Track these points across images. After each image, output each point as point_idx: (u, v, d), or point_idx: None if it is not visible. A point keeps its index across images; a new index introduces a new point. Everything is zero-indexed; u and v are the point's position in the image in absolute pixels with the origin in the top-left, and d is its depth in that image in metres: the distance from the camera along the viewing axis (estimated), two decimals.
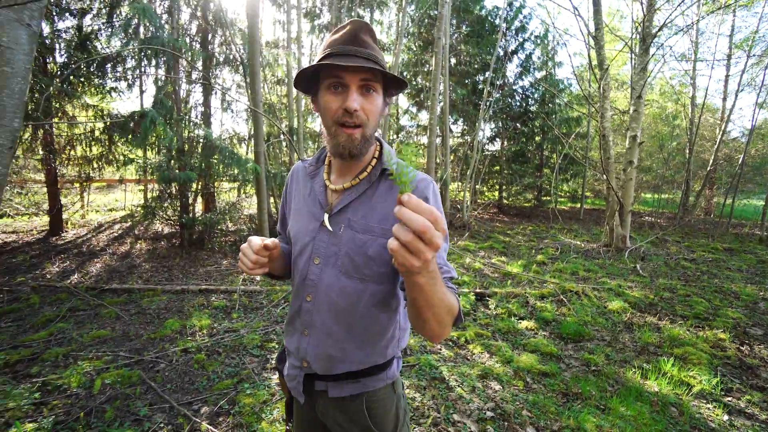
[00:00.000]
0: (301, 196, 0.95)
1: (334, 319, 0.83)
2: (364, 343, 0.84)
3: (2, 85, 2.05)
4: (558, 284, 4.46)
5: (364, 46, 0.77)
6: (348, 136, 0.76)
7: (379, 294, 0.82)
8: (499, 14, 11.39)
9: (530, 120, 12.17)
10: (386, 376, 0.89)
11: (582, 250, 6.74)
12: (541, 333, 3.34)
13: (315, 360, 0.85)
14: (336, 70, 0.74)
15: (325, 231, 0.84)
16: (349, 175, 0.87)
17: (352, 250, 0.80)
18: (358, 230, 0.81)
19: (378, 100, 0.79)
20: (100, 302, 3.89)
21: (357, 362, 0.84)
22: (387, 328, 0.85)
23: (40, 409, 2.16)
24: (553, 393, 2.40)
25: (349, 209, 0.83)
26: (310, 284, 0.85)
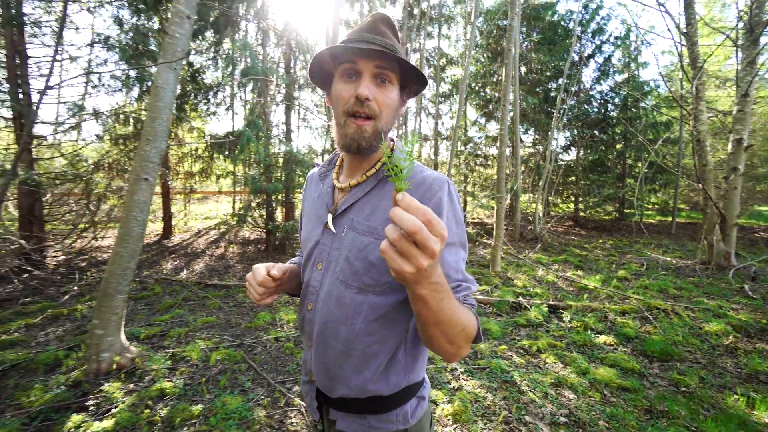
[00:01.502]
0: (311, 200, 0.89)
1: (331, 332, 0.74)
2: (361, 365, 0.73)
3: (156, 115, 2.66)
4: (642, 301, 4.14)
5: (381, 35, 0.72)
6: (357, 128, 0.70)
7: (381, 308, 0.71)
8: (573, 18, 10.92)
9: (610, 127, 11.31)
10: (396, 419, 0.75)
11: (673, 266, 6.09)
12: (621, 349, 3.16)
13: (318, 375, 0.78)
14: (350, 57, 0.70)
15: (329, 234, 0.78)
16: (358, 174, 0.80)
17: (352, 254, 0.72)
18: (360, 231, 0.73)
19: (393, 92, 0.73)
20: (206, 294, 4.57)
21: (356, 388, 0.73)
22: (389, 348, 0.73)
23: (173, 372, 2.68)
24: (635, 408, 2.30)
25: (354, 209, 0.76)
26: (312, 291, 0.79)
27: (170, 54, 2.65)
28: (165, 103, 2.69)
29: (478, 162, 12.31)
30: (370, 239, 0.71)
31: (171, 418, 2.16)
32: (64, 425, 2.08)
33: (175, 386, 2.47)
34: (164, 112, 2.69)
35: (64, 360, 2.79)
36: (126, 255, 2.68)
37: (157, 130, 2.67)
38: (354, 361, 0.73)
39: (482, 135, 12.21)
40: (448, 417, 2.15)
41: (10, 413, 2.18)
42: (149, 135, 2.64)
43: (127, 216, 2.66)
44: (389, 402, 0.75)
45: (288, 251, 7.26)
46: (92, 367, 2.62)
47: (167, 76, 2.66)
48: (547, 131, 11.18)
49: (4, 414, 2.18)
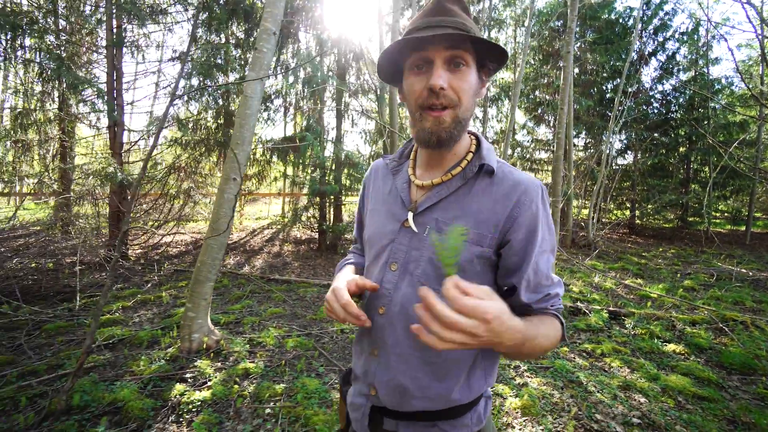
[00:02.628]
0: (380, 194, 0.83)
1: (409, 339, 0.69)
2: (443, 374, 0.69)
3: (244, 122, 2.98)
4: (715, 312, 3.90)
5: (449, 14, 0.66)
6: (435, 120, 0.65)
7: None
8: (633, 15, 10.41)
9: (672, 129, 10.60)
10: (471, 422, 0.72)
11: (749, 278, 5.62)
12: (693, 359, 3.02)
13: (385, 389, 0.71)
14: (417, 46, 0.65)
15: (406, 233, 0.73)
16: (439, 170, 0.74)
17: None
18: None
19: (470, 75, 0.67)
20: (270, 288, 4.92)
21: (435, 399, 0.69)
22: (471, 355, 0.70)
23: (253, 355, 2.96)
24: (715, 417, 2.22)
25: (438, 208, 0.71)
26: (385, 294, 0.72)
27: (258, 66, 2.96)
28: (252, 111, 3.00)
29: (526, 167, 12.03)
30: None
31: (258, 393, 2.41)
32: (170, 392, 2.39)
33: (257, 367, 2.74)
34: (251, 119, 3.00)
35: (161, 338, 3.17)
36: (215, 246, 3.01)
37: (245, 135, 2.98)
38: (436, 369, 0.69)
39: (531, 139, 11.93)
40: (516, 410, 2.22)
41: (128, 378, 2.54)
42: (238, 140, 2.97)
43: (217, 211, 2.99)
44: (466, 408, 0.72)
45: (339, 251, 7.55)
46: (185, 346, 2.96)
47: (255, 87, 2.97)
48: (601, 134, 10.70)
49: (124, 377, 2.55)
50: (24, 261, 4.60)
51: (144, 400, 2.27)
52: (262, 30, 2.99)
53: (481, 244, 0.67)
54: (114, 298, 4.34)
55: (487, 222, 0.67)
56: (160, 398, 2.34)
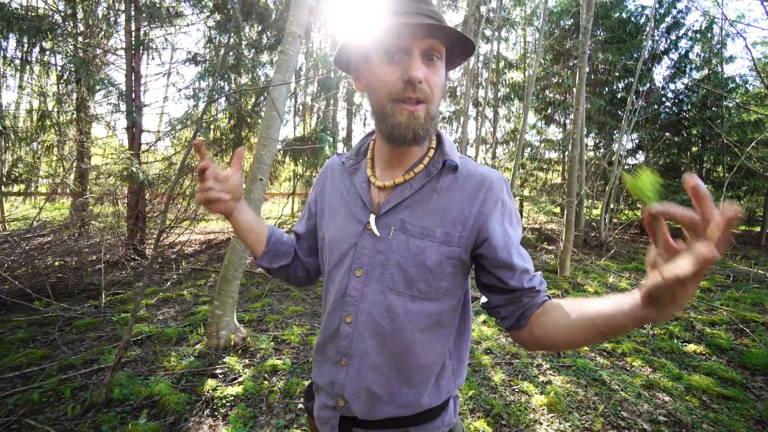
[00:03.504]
0: (338, 195, 0.78)
1: (378, 346, 0.67)
2: (414, 379, 0.67)
3: (271, 123, 3.05)
4: (734, 313, 3.90)
5: (424, 1, 0.62)
6: (410, 114, 0.61)
7: (435, 315, 0.66)
8: (645, 13, 10.34)
9: (685, 128, 10.51)
10: (441, 424, 0.71)
11: (767, 279, 5.59)
12: (715, 359, 3.04)
13: (354, 399, 0.68)
14: (395, 33, 0.59)
15: (369, 236, 0.69)
16: (400, 168, 0.71)
17: (405, 260, 0.65)
18: (414, 234, 0.66)
19: (442, 70, 0.64)
20: (287, 287, 4.99)
21: (407, 405, 0.67)
22: (440, 356, 0.69)
23: (278, 352, 3.03)
24: (741, 417, 2.25)
25: (402, 209, 0.68)
26: (350, 302, 0.69)
27: (284, 69, 3.03)
28: (279, 112, 3.07)
29: (534, 166, 12.01)
30: (427, 242, 0.65)
31: (288, 389, 2.48)
32: (203, 387, 2.47)
33: (285, 364, 2.81)
34: (277, 120, 3.07)
35: (188, 335, 3.25)
36: (241, 246, 3.08)
37: (272, 136, 3.05)
38: (406, 375, 0.67)
39: (540, 139, 11.90)
40: (542, 407, 2.26)
41: (161, 373, 2.62)
42: (265, 141, 3.04)
43: None
44: (436, 411, 0.70)
45: None
46: (212, 342, 3.04)
47: (281, 89, 3.04)
48: (612, 134, 10.65)
49: (157, 373, 2.63)
50: (50, 259, 4.73)
51: (179, 395, 2.34)
52: (287, 33, 3.05)
53: (450, 244, 0.65)
54: (137, 295, 4.44)
55: (454, 220, 0.65)
56: (193, 393, 2.42)
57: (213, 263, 6.47)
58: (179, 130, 6.70)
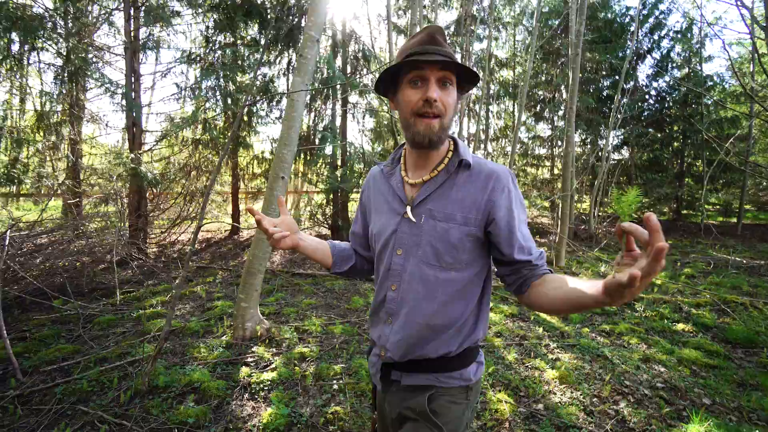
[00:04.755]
0: (380, 196, 0.99)
1: (416, 307, 0.86)
2: (440, 329, 0.85)
3: (292, 124, 3.20)
4: (716, 295, 4.24)
5: (440, 44, 0.82)
6: (426, 125, 0.81)
7: (459, 282, 0.84)
8: (629, 14, 10.76)
9: (667, 124, 11.01)
10: (461, 376, 0.88)
11: (744, 266, 6.01)
12: (701, 336, 3.35)
13: (394, 347, 0.88)
14: (418, 66, 0.80)
15: (406, 223, 0.88)
16: (425, 169, 0.90)
17: (434, 239, 0.84)
18: (439, 219, 0.84)
19: (454, 93, 0.84)
20: (297, 282, 5.14)
21: (433, 348, 0.86)
22: (462, 314, 0.86)
23: (303, 341, 3.20)
24: (726, 382, 2.54)
25: (430, 200, 0.87)
26: (395, 274, 0.89)
27: (303, 72, 3.18)
28: (299, 113, 3.22)
29: (525, 162, 12.37)
30: (450, 225, 0.83)
31: (319, 373, 2.66)
32: (238, 374, 2.63)
33: (312, 351, 2.98)
34: (297, 120, 3.22)
35: (213, 328, 3.39)
36: (266, 241, 3.23)
37: (292, 136, 3.20)
38: (435, 328, 0.85)
39: (529, 136, 12.25)
40: (554, 380, 2.50)
41: (194, 363, 2.76)
42: (286, 140, 3.18)
43: (267, 208, 3.21)
44: (456, 362, 0.88)
45: None
46: (239, 334, 3.19)
47: (300, 92, 3.19)
48: (599, 130, 11.06)
49: (190, 362, 2.77)
50: (64, 259, 4.76)
51: (217, 382, 2.50)
52: (306, 38, 3.20)
53: (468, 224, 0.83)
54: (150, 293, 4.53)
55: (470, 207, 0.83)
56: (230, 379, 2.58)
57: (217, 261, 6.56)
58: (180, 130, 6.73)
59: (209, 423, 2.14)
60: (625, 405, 2.23)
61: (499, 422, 2.09)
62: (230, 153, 8.92)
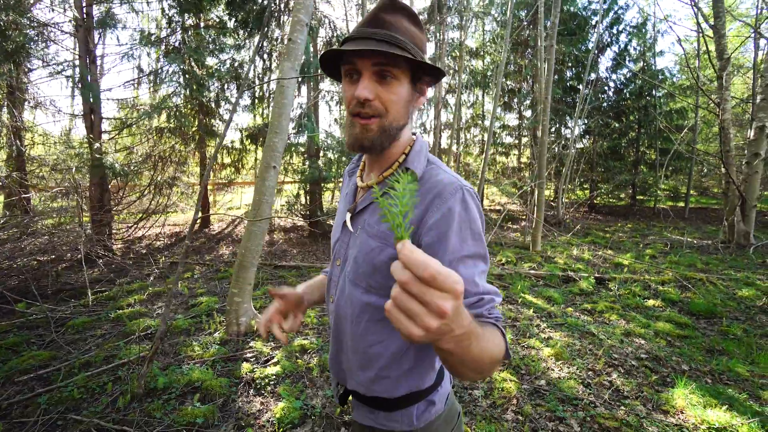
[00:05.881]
0: (342, 195, 0.90)
1: (343, 326, 0.77)
2: (366, 364, 0.73)
3: (282, 111, 3.09)
4: (678, 273, 4.64)
5: (384, 26, 0.67)
6: (362, 127, 0.68)
7: (384, 311, 0.65)
8: (591, 8, 11.26)
9: (624, 115, 11.73)
10: (402, 419, 0.74)
11: (695, 246, 6.60)
12: (670, 310, 3.66)
13: (331, 364, 0.83)
14: (349, 56, 0.67)
15: (346, 231, 0.78)
16: (376, 172, 0.78)
17: (360, 256, 0.72)
18: (370, 234, 0.72)
19: (400, 88, 0.68)
20: (281, 274, 5.04)
21: (362, 385, 0.75)
22: (392, 352, 0.72)
23: (301, 334, 3.16)
24: (698, 349, 2.81)
25: (368, 210, 0.75)
26: (332, 285, 0.81)
27: (293, 57, 3.06)
28: (288, 100, 3.11)
29: (494, 151, 12.74)
30: (377, 243, 0.70)
31: (323, 364, 2.64)
32: (239, 370, 2.56)
33: (312, 343, 2.95)
34: (288, 107, 3.11)
35: (203, 325, 3.26)
36: (258, 233, 3.13)
37: (283, 124, 3.09)
38: (359, 357, 0.74)
39: (499, 125, 12.60)
40: (550, 357, 2.65)
41: (190, 362, 2.65)
42: (276, 128, 3.07)
43: (259, 199, 3.10)
44: (395, 404, 0.74)
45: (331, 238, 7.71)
46: (233, 329, 3.09)
47: (290, 77, 3.07)
48: (564, 120, 11.59)
49: (185, 362, 2.66)
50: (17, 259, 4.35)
51: (219, 379, 2.42)
52: (295, 21, 3.08)
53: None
54: (125, 292, 4.27)
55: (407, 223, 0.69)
56: (232, 376, 2.51)
57: (192, 256, 6.26)
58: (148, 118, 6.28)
59: (218, 422, 2.08)
60: (617, 376, 2.42)
61: (508, 399, 2.19)
62: (197, 143, 8.48)
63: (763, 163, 5.85)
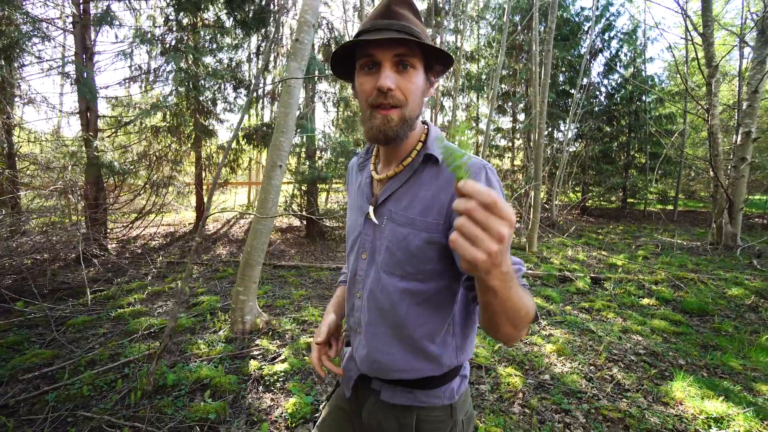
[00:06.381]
0: (353, 190, 0.90)
1: (379, 319, 0.76)
2: (411, 348, 0.74)
3: (288, 110, 3.11)
4: (670, 273, 4.78)
5: (397, 18, 0.69)
6: (384, 118, 0.68)
7: (424, 293, 0.72)
8: (584, 14, 11.49)
9: (615, 119, 11.98)
10: (443, 395, 0.78)
11: (685, 247, 6.78)
12: (664, 308, 3.77)
13: (362, 361, 0.80)
14: (366, 48, 0.68)
15: (369, 224, 0.79)
16: (394, 163, 0.79)
17: (393, 245, 0.73)
18: (399, 223, 0.73)
19: (417, 77, 0.70)
20: (281, 274, 5.04)
21: (408, 370, 0.75)
22: (437, 332, 0.74)
23: (305, 332, 3.18)
24: (692, 345, 2.91)
25: (392, 200, 0.76)
26: (359, 280, 0.81)
27: (300, 57, 3.09)
28: (295, 99, 3.14)
29: (488, 153, 12.89)
30: (409, 230, 0.71)
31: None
32: (247, 368, 2.57)
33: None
34: (294, 107, 3.14)
35: (207, 323, 3.26)
36: (264, 231, 3.15)
37: (290, 123, 3.12)
38: (404, 344, 0.74)
39: (493, 128, 12.76)
40: (552, 353, 2.72)
41: (197, 360, 2.66)
42: (283, 128, 3.10)
43: (265, 197, 3.12)
44: (438, 381, 0.77)
45: (327, 238, 7.73)
46: (238, 327, 3.10)
47: (298, 76, 3.10)
48: (557, 123, 11.78)
49: (192, 360, 2.66)
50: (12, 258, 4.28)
51: (228, 377, 2.43)
52: (302, 22, 3.11)
53: (429, 230, 0.70)
54: (125, 291, 4.23)
55: (432, 209, 0.70)
56: (240, 373, 2.52)
57: (188, 255, 6.22)
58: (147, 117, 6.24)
59: (230, 417, 2.09)
60: (617, 370, 2.50)
61: (514, 393, 2.25)
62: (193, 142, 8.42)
63: (749, 168, 6.05)
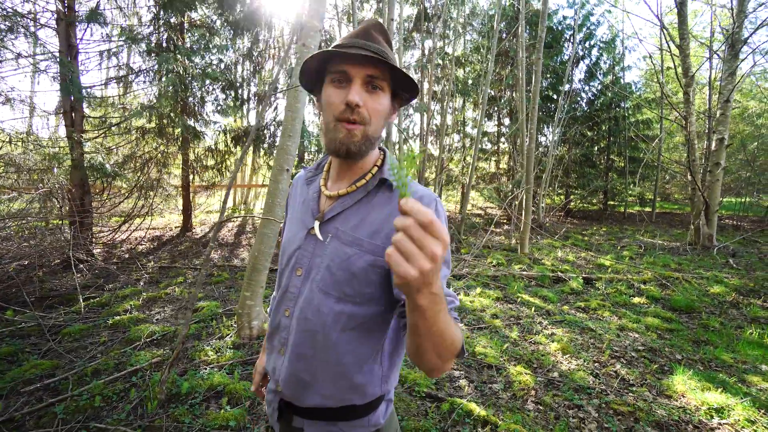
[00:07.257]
0: (296, 204, 0.88)
1: (308, 339, 0.73)
2: (337, 375, 0.73)
3: (295, 115, 3.12)
4: (657, 272, 5.01)
5: (375, 41, 0.72)
6: (347, 132, 0.70)
7: (359, 318, 0.72)
8: (566, 23, 11.90)
9: (596, 124, 12.43)
10: (369, 423, 0.77)
11: (666, 248, 7.11)
12: (654, 306, 3.96)
13: (286, 384, 0.76)
14: (341, 63, 0.70)
15: (311, 240, 0.77)
16: (346, 181, 0.79)
17: (334, 264, 0.72)
18: (344, 242, 0.73)
19: (384, 100, 0.72)
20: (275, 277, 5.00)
21: (330, 397, 0.74)
22: (366, 360, 0.73)
23: None
24: (685, 340, 3.07)
25: (340, 218, 0.76)
26: (290, 297, 0.78)
27: None
28: (302, 104, 3.15)
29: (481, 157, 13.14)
30: (355, 250, 0.71)
31: None
32: None
33: None
34: (301, 111, 3.15)
35: (213, 329, 3.21)
36: (271, 235, 3.14)
37: (296, 127, 3.12)
38: (330, 370, 0.72)
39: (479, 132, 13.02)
40: (557, 351, 2.83)
41: (206, 367, 2.62)
42: (290, 132, 3.10)
43: (272, 202, 3.11)
44: (362, 410, 0.76)
45: None
46: (245, 333, 3.07)
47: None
48: (541, 128, 12.13)
49: (201, 367, 2.62)
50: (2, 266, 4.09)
51: (242, 383, 2.41)
52: (309, 27, 3.13)
53: (374, 254, 0.70)
54: (119, 298, 4.11)
55: (381, 232, 0.70)
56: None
57: (179, 260, 6.08)
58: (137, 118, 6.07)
59: (249, 424, 2.08)
60: (620, 366, 2.62)
61: (526, 391, 2.33)
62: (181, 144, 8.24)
63: (723, 172, 6.41)
